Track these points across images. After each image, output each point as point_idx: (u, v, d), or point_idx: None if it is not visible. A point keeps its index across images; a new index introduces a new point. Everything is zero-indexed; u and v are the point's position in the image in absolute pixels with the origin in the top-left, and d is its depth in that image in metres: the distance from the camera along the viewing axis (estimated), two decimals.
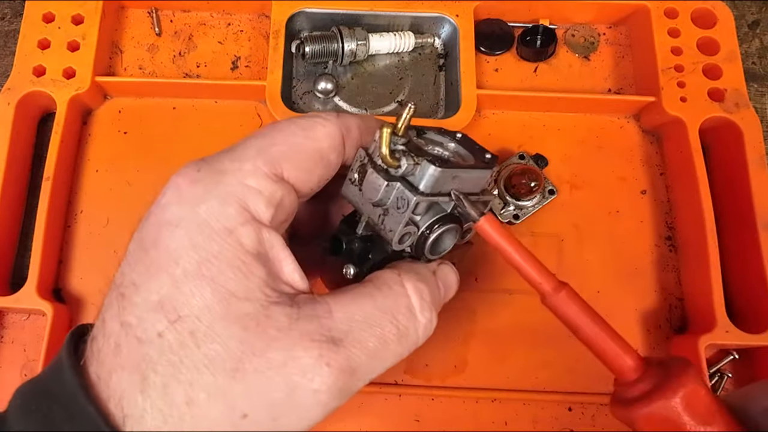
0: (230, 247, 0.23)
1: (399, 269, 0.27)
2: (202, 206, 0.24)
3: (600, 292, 0.43)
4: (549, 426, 0.40)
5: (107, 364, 0.22)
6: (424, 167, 0.26)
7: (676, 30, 0.46)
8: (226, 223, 0.23)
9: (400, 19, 0.47)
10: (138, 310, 0.22)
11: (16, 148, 0.43)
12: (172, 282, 0.22)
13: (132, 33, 0.49)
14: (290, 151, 0.25)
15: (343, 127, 0.27)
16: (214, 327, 0.22)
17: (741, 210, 0.42)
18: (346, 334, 0.23)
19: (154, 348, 0.22)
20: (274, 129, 0.26)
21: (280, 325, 0.23)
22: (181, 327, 0.22)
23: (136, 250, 0.24)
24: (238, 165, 0.25)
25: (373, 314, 0.24)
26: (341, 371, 0.23)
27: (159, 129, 0.46)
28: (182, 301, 0.22)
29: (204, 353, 0.22)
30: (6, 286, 0.42)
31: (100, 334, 0.23)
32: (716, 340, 0.39)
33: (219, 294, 0.22)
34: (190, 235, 0.23)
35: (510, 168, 0.43)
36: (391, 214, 0.27)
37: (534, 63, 0.48)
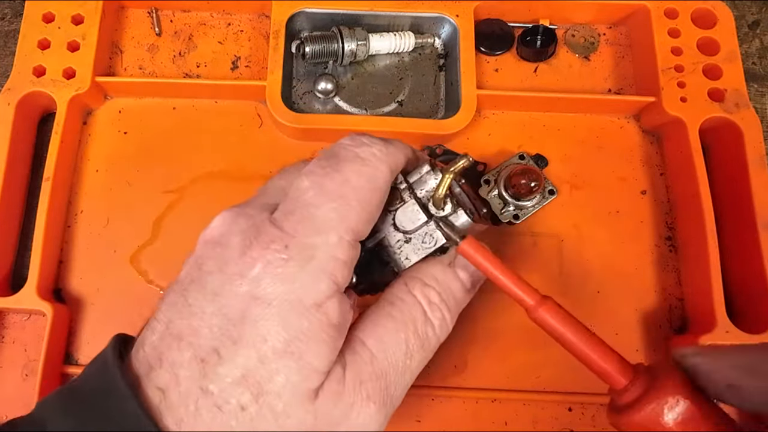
0: (318, 323, 0.24)
1: (405, 279, 0.28)
2: (297, 284, 0.24)
3: (600, 292, 0.43)
4: (549, 426, 0.40)
5: (187, 425, 0.23)
6: (459, 215, 0.29)
7: (676, 30, 0.46)
8: (317, 299, 0.24)
9: (400, 19, 0.47)
10: (221, 382, 0.24)
11: (16, 149, 0.43)
12: (258, 358, 0.24)
13: (132, 33, 0.49)
14: (363, 211, 0.26)
15: (392, 165, 0.28)
16: (292, 404, 0.24)
17: (741, 210, 0.42)
18: (381, 364, 0.26)
19: (236, 420, 0.23)
20: (346, 185, 0.26)
21: (338, 377, 0.25)
22: (262, 401, 0.24)
23: (215, 316, 0.24)
24: (325, 238, 0.25)
25: (397, 330, 0.27)
26: (383, 403, 0.26)
27: (159, 129, 0.46)
28: (267, 378, 0.24)
29: (280, 425, 0.24)
30: (6, 286, 0.42)
31: (174, 391, 0.24)
32: (716, 340, 0.39)
33: (303, 371, 0.24)
34: (282, 314, 0.24)
35: (510, 168, 0.43)
36: (414, 244, 0.29)
37: (534, 63, 0.48)
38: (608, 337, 0.42)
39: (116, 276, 0.42)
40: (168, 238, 0.43)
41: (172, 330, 0.25)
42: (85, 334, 0.41)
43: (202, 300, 0.25)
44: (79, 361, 0.41)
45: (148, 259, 0.43)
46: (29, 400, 0.38)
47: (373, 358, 0.26)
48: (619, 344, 0.41)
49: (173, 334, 0.25)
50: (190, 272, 0.26)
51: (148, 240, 0.43)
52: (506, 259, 0.43)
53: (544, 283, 0.43)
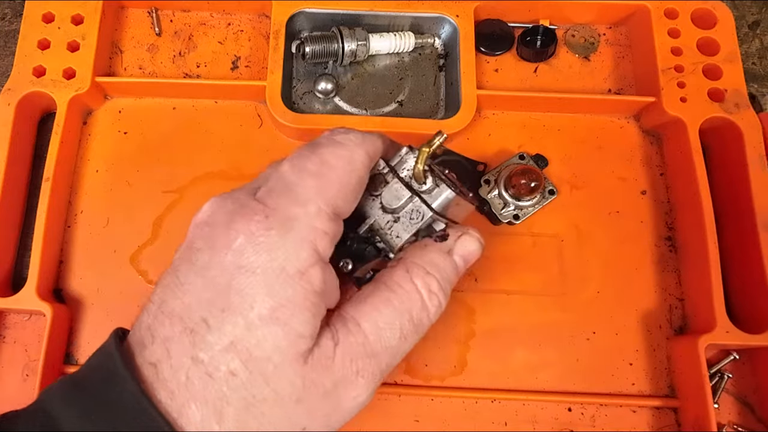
0: (302, 290, 0.25)
1: (407, 265, 0.29)
2: (279, 252, 0.25)
3: (600, 292, 0.43)
4: (549, 426, 0.40)
5: (180, 396, 0.24)
6: (441, 189, 0.30)
7: (676, 30, 0.46)
8: (299, 267, 0.25)
9: (400, 19, 0.47)
10: (211, 350, 0.24)
11: (16, 149, 0.43)
12: (246, 325, 0.25)
13: (132, 33, 0.49)
14: (341, 188, 0.27)
15: (372, 150, 0.29)
16: (283, 367, 0.25)
17: (741, 210, 0.42)
18: (374, 345, 0.27)
19: (228, 386, 0.24)
20: (324, 165, 0.28)
21: (328, 353, 0.26)
22: (252, 366, 0.24)
23: (205, 289, 0.25)
24: (304, 209, 0.26)
25: (393, 317, 0.28)
26: (373, 378, 0.27)
27: (159, 129, 0.46)
28: (254, 343, 0.24)
29: (272, 389, 0.25)
30: (7, 286, 0.42)
31: (166, 364, 0.25)
32: (716, 341, 0.39)
33: (289, 336, 0.25)
34: (267, 281, 0.25)
35: (510, 168, 0.43)
36: (402, 222, 0.30)
37: (534, 63, 0.48)
38: (608, 337, 0.42)
39: (116, 276, 0.42)
40: (168, 238, 0.43)
41: (165, 309, 0.26)
42: (85, 334, 0.41)
43: (193, 276, 0.26)
44: (79, 361, 0.41)
45: (148, 259, 0.43)
46: (30, 400, 0.38)
47: (365, 340, 0.27)
48: (619, 344, 0.42)
49: (165, 312, 0.26)
50: (182, 254, 0.27)
51: (148, 240, 0.43)
52: (506, 259, 0.43)
53: (544, 283, 0.43)
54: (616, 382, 0.41)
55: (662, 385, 0.41)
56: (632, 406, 0.41)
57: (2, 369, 0.41)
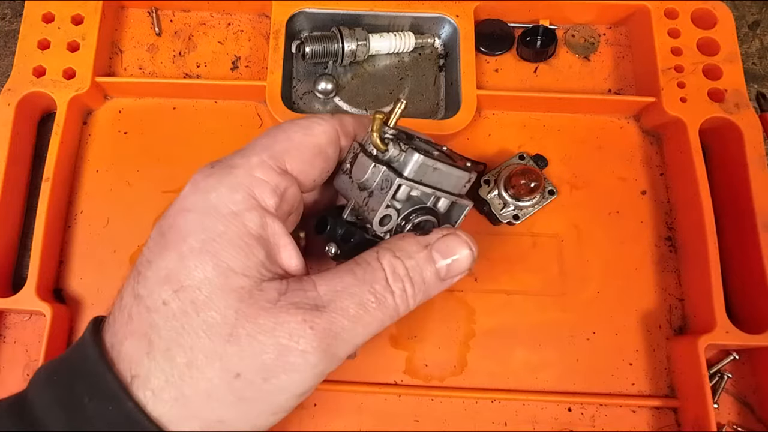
0: (235, 228, 0.26)
1: (378, 247, 0.29)
2: (213, 194, 0.27)
3: (600, 293, 0.43)
4: (549, 426, 0.40)
5: (120, 333, 0.26)
6: (409, 154, 0.29)
7: (677, 30, 0.46)
8: (233, 207, 0.26)
9: (400, 19, 0.47)
10: (149, 283, 0.26)
11: (16, 149, 0.43)
12: (178, 257, 0.26)
13: (132, 33, 0.49)
14: (292, 147, 0.29)
15: (338, 124, 0.30)
16: (213, 297, 0.25)
17: (741, 210, 0.42)
18: (328, 303, 0.26)
19: (160, 315, 0.25)
20: (278, 129, 0.29)
21: (270, 297, 0.25)
22: (183, 296, 0.25)
23: (155, 235, 0.27)
24: (246, 160, 0.28)
25: (353, 285, 0.27)
26: (325, 333, 0.25)
27: (159, 129, 0.46)
28: (185, 274, 0.25)
29: (203, 320, 0.24)
30: (7, 286, 0.42)
31: (117, 308, 0.26)
32: (716, 341, 0.39)
33: (219, 268, 0.25)
34: (200, 218, 0.26)
35: (510, 168, 0.43)
36: (375, 195, 0.30)
37: (534, 63, 0.48)
38: (608, 337, 0.42)
39: (116, 276, 0.42)
40: None
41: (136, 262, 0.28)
42: None
43: (154, 232, 0.28)
44: None
45: None
46: None
47: (317, 297, 0.26)
48: (619, 344, 0.42)
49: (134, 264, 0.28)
50: None
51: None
52: (507, 259, 0.43)
53: (544, 283, 0.43)
54: (616, 382, 0.41)
55: (662, 385, 0.41)
56: (632, 406, 0.41)
57: (2, 369, 0.41)
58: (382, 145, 0.29)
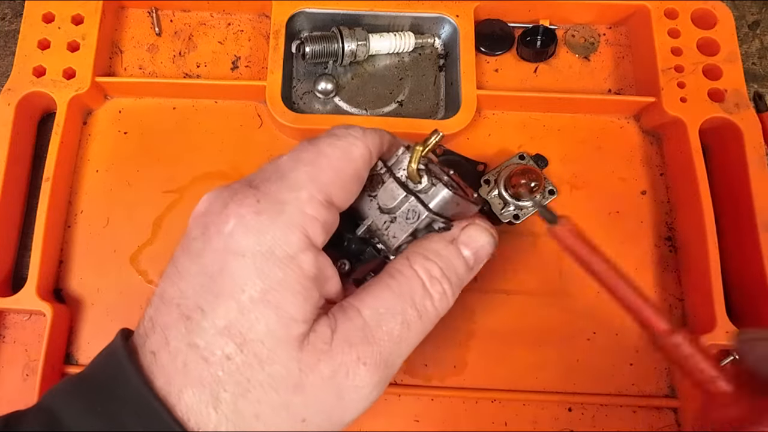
0: (293, 273, 0.25)
1: (407, 253, 0.29)
2: (268, 236, 0.25)
3: (600, 293, 0.42)
4: (549, 426, 0.40)
5: (177, 383, 0.24)
6: (438, 189, 0.30)
7: (676, 30, 0.46)
8: (289, 251, 0.25)
9: (400, 19, 0.47)
10: (206, 335, 0.25)
11: (16, 149, 0.43)
12: (238, 309, 0.25)
13: (132, 33, 0.49)
14: (336, 177, 0.27)
15: (371, 144, 0.29)
16: (277, 350, 0.25)
17: (741, 210, 0.42)
18: (375, 330, 0.26)
19: (224, 370, 0.24)
20: (320, 155, 0.28)
21: (325, 338, 0.26)
22: (247, 350, 0.24)
23: (198, 275, 0.26)
24: (296, 194, 0.26)
25: (394, 303, 0.27)
26: (377, 365, 0.26)
27: (159, 129, 0.46)
28: (248, 327, 0.24)
29: (268, 374, 0.24)
30: (7, 286, 0.42)
31: (164, 351, 0.25)
32: (716, 341, 0.39)
33: (282, 320, 0.25)
34: (257, 264, 0.25)
35: (510, 168, 0.43)
36: (399, 222, 0.30)
37: (534, 63, 0.48)
38: (608, 338, 0.42)
39: (116, 276, 0.42)
40: (168, 238, 0.43)
41: (164, 298, 0.26)
42: (85, 334, 0.41)
43: (188, 263, 0.26)
44: (79, 361, 0.41)
45: (148, 259, 0.43)
46: (29, 400, 0.38)
47: (365, 325, 0.26)
48: (619, 344, 0.42)
49: (165, 300, 0.26)
50: (181, 244, 0.28)
51: (148, 240, 0.43)
52: (507, 259, 0.43)
53: (544, 283, 0.43)
54: (616, 382, 0.41)
55: (662, 385, 0.41)
56: (632, 406, 0.41)
57: (2, 369, 0.41)
58: (417, 177, 0.30)
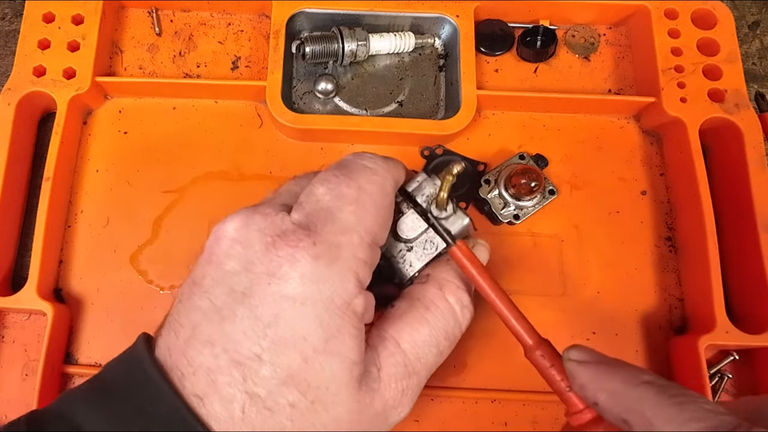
0: (349, 320, 0.26)
1: (439, 281, 0.30)
2: (327, 284, 0.25)
3: (600, 293, 0.43)
4: (549, 426, 0.40)
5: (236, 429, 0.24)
6: (459, 216, 0.31)
7: (677, 31, 0.46)
8: (346, 298, 0.26)
9: (400, 19, 0.47)
10: (268, 384, 0.24)
11: (16, 148, 0.43)
12: (302, 358, 0.25)
13: (132, 33, 0.49)
14: (378, 215, 0.28)
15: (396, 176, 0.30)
16: (340, 395, 0.25)
17: (741, 210, 0.42)
18: (414, 363, 0.28)
19: (287, 417, 0.24)
20: (362, 192, 0.27)
21: (375, 377, 0.27)
22: (311, 397, 0.25)
23: (248, 318, 0.25)
24: (348, 238, 0.26)
25: (431, 335, 0.29)
26: (414, 394, 0.28)
27: (159, 129, 0.46)
28: (312, 375, 0.25)
29: (332, 417, 0.25)
30: (7, 286, 0.42)
31: (215, 397, 0.24)
32: (716, 341, 0.39)
33: (344, 365, 0.25)
34: (316, 313, 0.25)
35: (510, 168, 0.43)
36: (416, 251, 0.31)
37: (534, 63, 0.48)
38: (608, 338, 0.42)
39: (116, 276, 0.42)
40: (168, 238, 0.43)
41: (200, 335, 0.25)
42: (85, 334, 0.41)
43: (232, 302, 0.25)
44: (79, 361, 0.41)
45: (148, 259, 0.43)
46: (29, 400, 0.38)
47: (406, 360, 0.28)
48: (619, 344, 0.42)
49: (202, 339, 0.25)
50: (209, 272, 0.26)
51: (148, 240, 0.43)
52: (506, 259, 0.43)
53: (544, 283, 0.43)
54: None
55: None
56: None
57: (2, 369, 0.41)
58: (445, 205, 0.31)
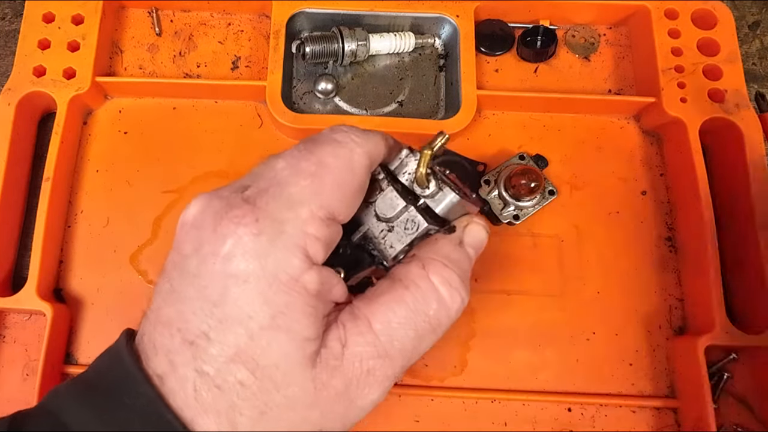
0: (298, 296, 0.25)
1: (423, 261, 0.28)
2: (269, 259, 0.24)
3: (600, 293, 0.43)
4: (549, 426, 0.40)
5: (191, 408, 0.24)
6: (445, 193, 0.29)
7: (677, 31, 0.46)
8: (292, 274, 0.24)
9: (400, 19, 0.47)
10: (216, 362, 0.24)
11: (16, 148, 0.43)
12: (248, 336, 0.24)
13: (132, 33, 0.49)
14: (338, 190, 0.26)
15: (372, 151, 0.28)
16: (292, 372, 0.24)
17: (741, 210, 0.42)
18: (388, 345, 0.26)
19: (239, 396, 0.24)
20: (321, 166, 0.26)
21: (336, 353, 0.25)
22: (261, 375, 0.24)
23: (197, 299, 0.25)
24: (295, 213, 0.25)
25: (408, 317, 0.26)
26: (386, 377, 0.26)
27: (159, 129, 0.46)
28: (259, 353, 0.24)
29: (284, 395, 0.24)
30: (7, 286, 0.42)
31: (171, 377, 0.24)
32: (716, 341, 0.39)
33: (294, 342, 0.24)
34: (260, 290, 0.24)
35: (510, 168, 0.43)
36: (397, 231, 0.29)
37: (534, 63, 0.48)
38: (608, 337, 0.42)
39: (116, 276, 0.42)
40: (168, 238, 0.43)
41: (161, 317, 0.25)
42: (85, 334, 0.41)
43: (184, 284, 0.25)
44: (79, 361, 0.41)
45: (148, 259, 0.43)
46: (30, 399, 0.38)
47: (376, 340, 0.26)
48: (619, 344, 0.42)
49: (162, 321, 0.25)
50: (173, 258, 0.27)
51: (148, 240, 0.43)
52: (507, 260, 0.43)
53: (544, 283, 0.43)
54: (616, 382, 0.41)
55: (662, 385, 0.41)
56: (632, 407, 0.41)
57: (2, 369, 0.41)
58: (426, 181, 0.28)
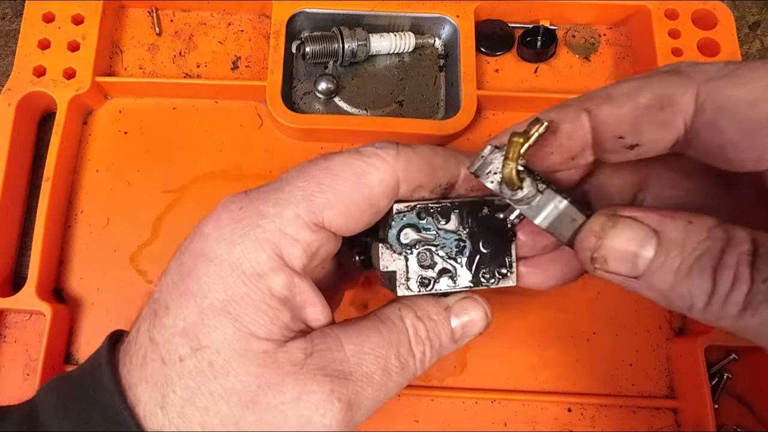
0: (258, 291, 0.24)
1: (399, 303, 0.27)
2: (237, 247, 0.24)
3: (600, 293, 0.43)
4: (548, 426, 0.40)
5: (135, 375, 0.24)
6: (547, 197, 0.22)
7: (677, 31, 0.46)
8: (257, 268, 0.24)
9: (400, 19, 0.47)
10: (165, 332, 0.24)
11: (16, 149, 0.43)
12: (198, 312, 0.24)
13: (132, 33, 0.48)
14: (336, 200, 0.25)
15: (402, 169, 0.25)
16: (232, 362, 0.23)
17: None
18: (355, 368, 0.25)
19: (175, 371, 0.24)
20: (324, 171, 0.25)
21: (296, 360, 0.24)
22: (201, 356, 0.23)
23: (174, 273, 0.25)
24: (279, 210, 0.24)
25: (379, 346, 0.25)
26: (350, 406, 0.24)
27: (159, 129, 0.46)
28: (204, 332, 0.24)
29: (220, 384, 0.23)
30: (7, 286, 0.42)
31: (134, 342, 0.25)
32: (716, 341, 0.39)
33: (240, 333, 0.24)
34: (221, 273, 0.24)
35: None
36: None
37: (534, 64, 0.48)
38: (608, 338, 0.42)
39: (116, 276, 0.42)
40: (168, 238, 0.43)
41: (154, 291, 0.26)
42: (85, 334, 0.41)
43: (173, 261, 0.26)
44: (79, 361, 0.41)
45: (148, 259, 0.43)
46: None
47: (345, 360, 0.25)
48: (619, 344, 0.42)
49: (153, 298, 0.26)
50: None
51: (148, 240, 0.43)
52: None
53: None
54: (616, 382, 0.41)
55: (662, 385, 0.41)
56: (632, 407, 0.41)
57: (3, 369, 0.41)
58: (518, 182, 0.22)
